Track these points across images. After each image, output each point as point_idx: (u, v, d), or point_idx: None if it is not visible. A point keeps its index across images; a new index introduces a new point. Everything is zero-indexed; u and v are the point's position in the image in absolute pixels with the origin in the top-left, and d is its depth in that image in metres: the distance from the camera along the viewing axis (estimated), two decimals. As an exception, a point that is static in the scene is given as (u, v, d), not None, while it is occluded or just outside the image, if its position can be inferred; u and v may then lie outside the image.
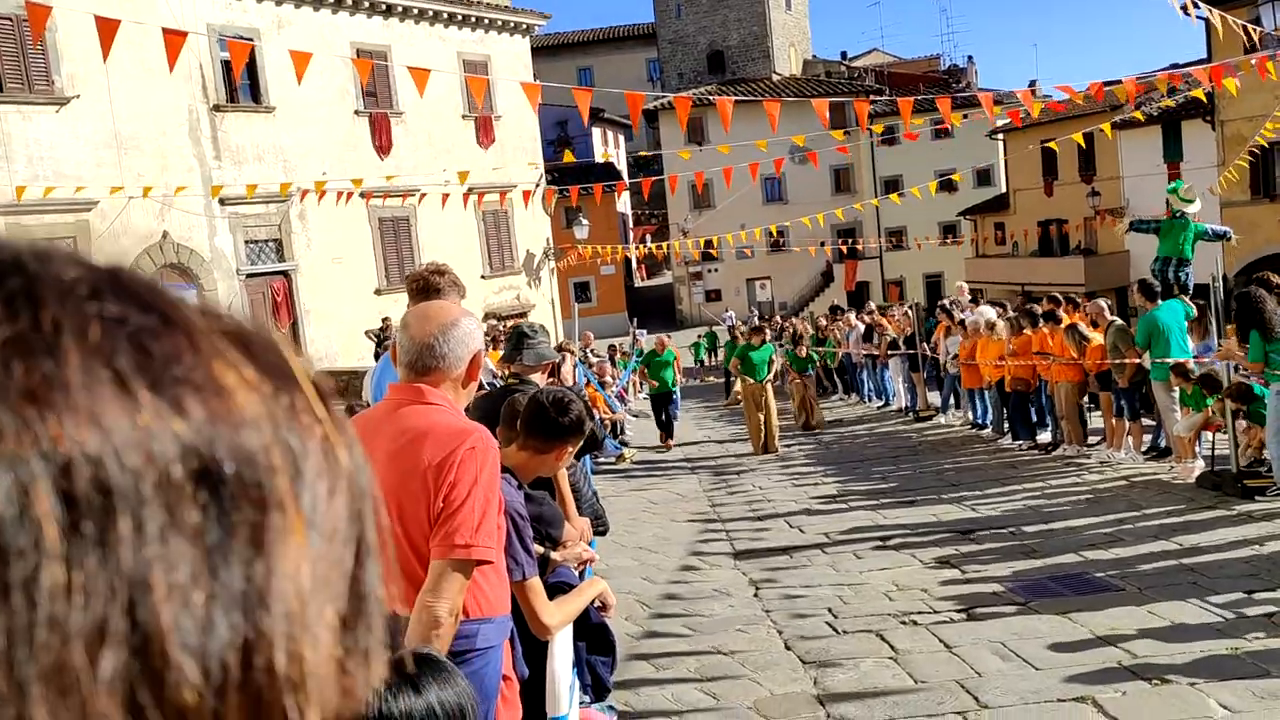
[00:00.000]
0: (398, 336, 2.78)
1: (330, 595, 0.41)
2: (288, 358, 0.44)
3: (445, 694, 1.55)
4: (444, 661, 1.63)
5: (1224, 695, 5.13)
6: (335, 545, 0.42)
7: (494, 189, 22.46)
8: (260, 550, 0.38)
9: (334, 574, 0.41)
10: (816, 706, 5.50)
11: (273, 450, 0.39)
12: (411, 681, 1.53)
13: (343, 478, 0.43)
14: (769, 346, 16.43)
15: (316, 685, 0.40)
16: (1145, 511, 9.29)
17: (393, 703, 1.50)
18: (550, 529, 3.50)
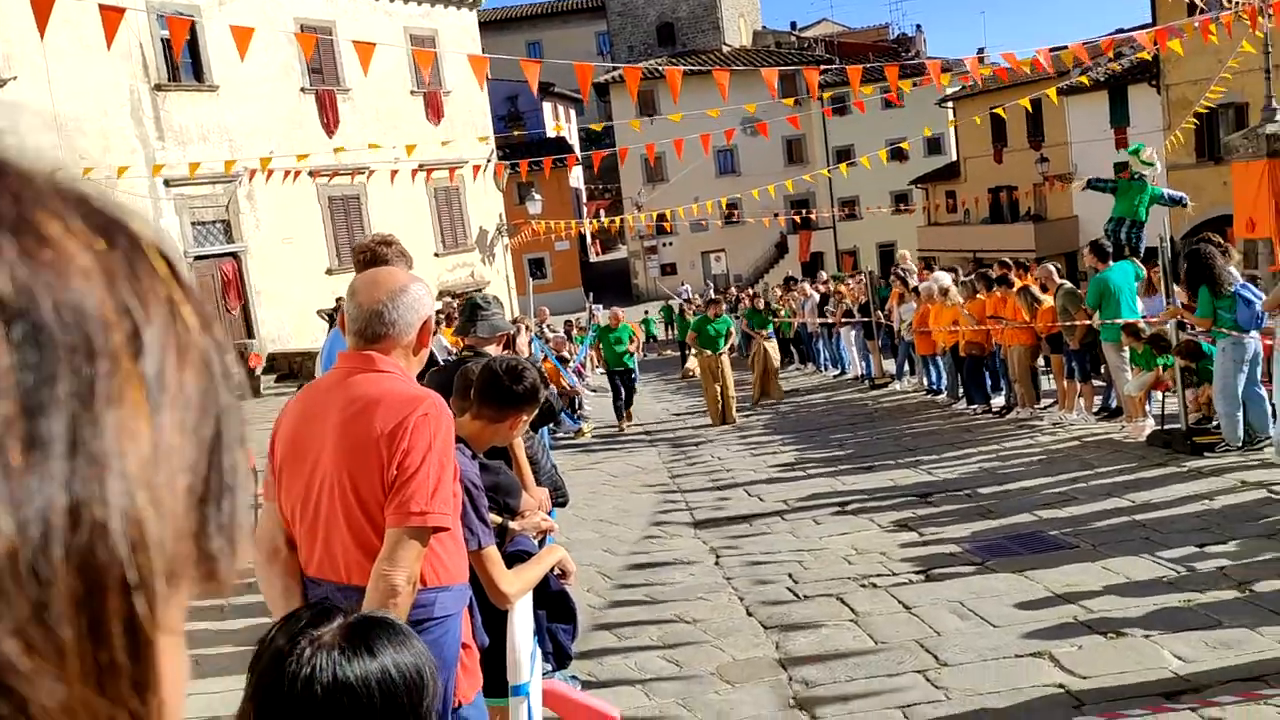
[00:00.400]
0: (346, 304, 2.73)
1: (181, 466, 0.39)
2: (131, 222, 0.42)
3: (401, 657, 1.51)
4: (399, 624, 1.59)
5: (1178, 646, 5.22)
6: (187, 416, 0.39)
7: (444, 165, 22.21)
8: (88, 406, 0.36)
9: (186, 446, 0.39)
10: (779, 670, 5.53)
11: (104, 305, 0.37)
12: (365, 645, 1.50)
13: (194, 349, 0.41)
14: (726, 318, 16.16)
15: (163, 556, 0.38)
16: (1097, 470, 9.41)
17: (346, 667, 1.46)
18: (508, 498, 3.47)
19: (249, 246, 23.09)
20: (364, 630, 1.53)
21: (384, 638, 1.54)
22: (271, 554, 2.70)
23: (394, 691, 1.49)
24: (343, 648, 1.49)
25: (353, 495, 2.55)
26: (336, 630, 1.52)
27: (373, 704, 1.47)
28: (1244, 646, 5.13)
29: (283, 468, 2.72)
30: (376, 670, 1.49)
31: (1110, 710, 4.59)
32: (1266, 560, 6.37)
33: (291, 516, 2.68)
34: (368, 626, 1.54)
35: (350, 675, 1.47)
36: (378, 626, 1.55)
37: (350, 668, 1.48)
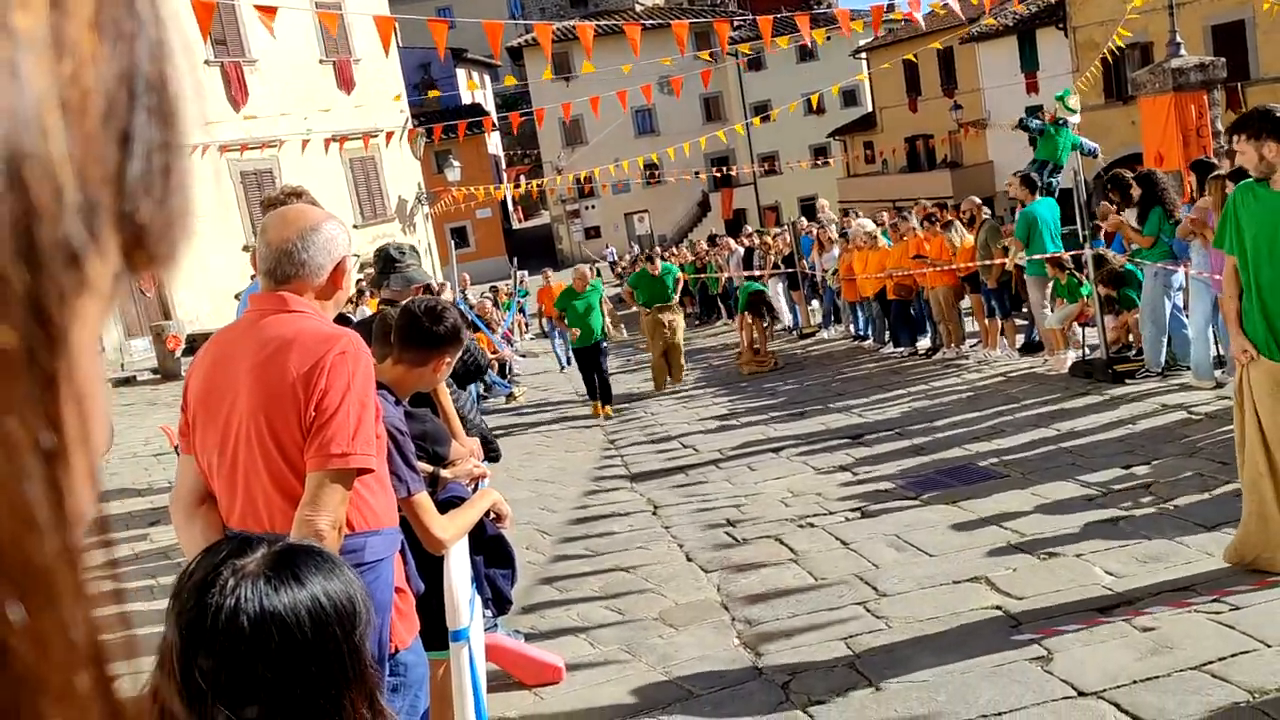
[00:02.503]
0: (257, 243, 2.62)
1: (93, 76, 0.32)
2: None
3: (331, 585, 1.42)
4: (326, 553, 1.50)
5: (1109, 563, 5.32)
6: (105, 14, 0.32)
7: (357, 134, 21.82)
8: None
9: (100, 51, 0.32)
10: (722, 611, 5.53)
11: None
12: (292, 573, 1.41)
13: None
14: (671, 266, 14.56)
15: (74, 190, 0.31)
16: (1023, 403, 9.57)
17: (274, 597, 1.37)
18: (436, 446, 3.39)
19: (160, 226, 22.45)
20: (290, 558, 1.45)
21: (312, 565, 1.45)
22: (191, 509, 2.60)
23: (325, 620, 1.41)
24: (268, 576, 1.41)
25: (271, 441, 2.45)
26: (261, 559, 1.43)
27: (304, 634, 1.38)
28: (1172, 559, 5.24)
29: (196, 418, 2.61)
30: (306, 599, 1.41)
31: (1046, 627, 4.66)
32: (1188, 477, 6.52)
33: (209, 468, 2.58)
34: (294, 554, 1.46)
35: (278, 605, 1.39)
36: (305, 554, 1.47)
37: (278, 597, 1.39)
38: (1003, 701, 4.04)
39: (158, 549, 8.35)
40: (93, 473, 0.34)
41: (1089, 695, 3.99)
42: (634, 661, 5.02)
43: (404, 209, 28.60)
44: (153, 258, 0.35)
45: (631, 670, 4.92)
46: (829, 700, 4.30)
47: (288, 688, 1.34)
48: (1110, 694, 3.97)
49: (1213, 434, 7.37)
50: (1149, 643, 4.35)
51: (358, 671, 1.40)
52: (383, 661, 2.51)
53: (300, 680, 1.35)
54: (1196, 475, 6.51)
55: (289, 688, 1.34)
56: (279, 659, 1.35)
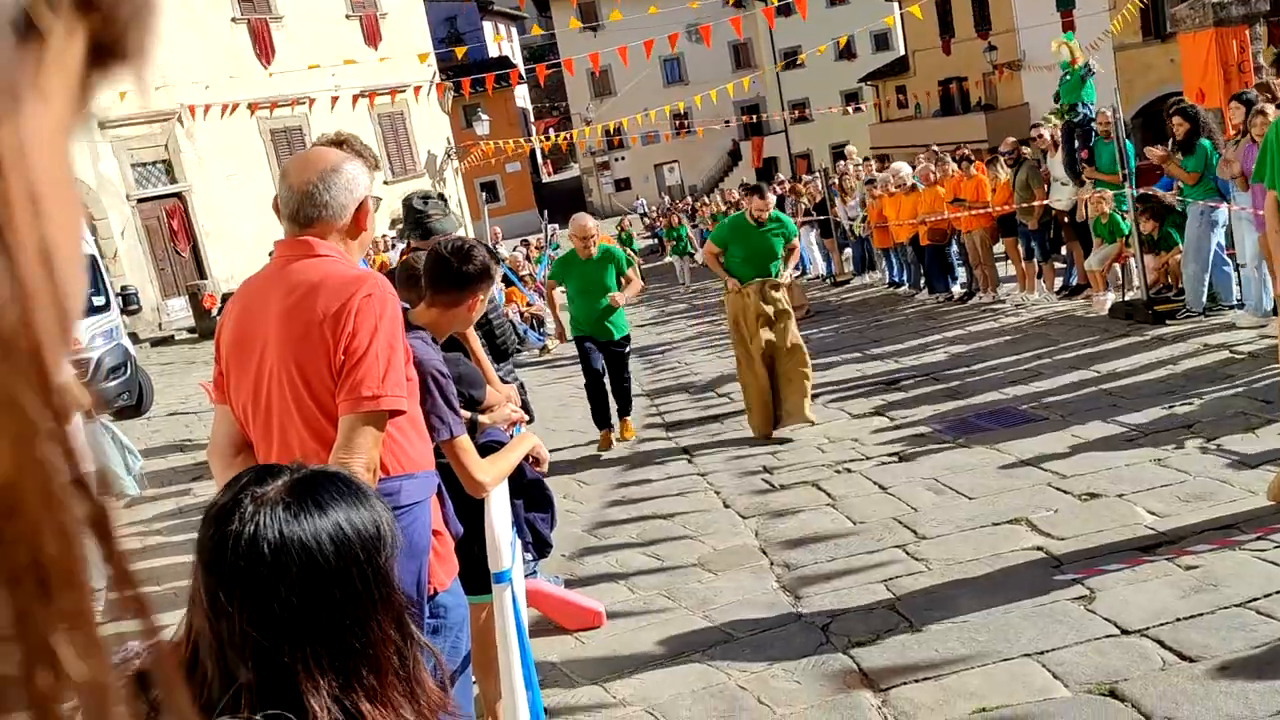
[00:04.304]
0: (279, 188, 2.60)
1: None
2: None
3: (356, 513, 1.38)
4: (351, 479, 1.46)
5: (1151, 502, 5.27)
6: None
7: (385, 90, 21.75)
8: None
9: None
10: (760, 556, 5.54)
11: None
12: (314, 500, 1.37)
13: None
14: (785, 219, 8.34)
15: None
16: (1061, 346, 9.46)
17: (294, 523, 1.34)
18: (472, 390, 3.39)
19: (193, 186, 22.57)
20: (311, 485, 1.41)
21: (334, 491, 1.41)
22: (228, 457, 2.61)
23: (347, 545, 1.36)
24: (288, 503, 1.37)
25: (302, 385, 2.45)
26: (281, 486, 1.40)
27: (325, 559, 1.34)
28: (1216, 498, 5.18)
29: (229, 367, 2.61)
30: (328, 525, 1.37)
31: (1088, 567, 4.63)
32: (1231, 416, 6.44)
33: (244, 416, 2.58)
34: (316, 481, 1.42)
35: (299, 531, 1.36)
36: (328, 480, 1.42)
37: (297, 524, 1.36)
38: (1044, 641, 4.02)
39: (200, 504, 8.46)
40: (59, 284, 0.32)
41: (1132, 633, 3.97)
42: (674, 606, 5.03)
43: (433, 164, 28.56)
44: (117, 42, 0.32)
45: (671, 615, 4.93)
46: (870, 642, 4.30)
47: (312, 613, 1.32)
48: (1154, 631, 3.94)
49: (1256, 373, 7.26)
50: (1193, 581, 4.31)
51: (384, 595, 1.38)
52: (422, 603, 2.53)
53: (324, 606, 1.33)
54: (1239, 414, 6.42)
55: (313, 613, 1.32)
56: (301, 585, 1.33)
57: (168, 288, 22.47)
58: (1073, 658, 3.87)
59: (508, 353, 5.07)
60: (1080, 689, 3.65)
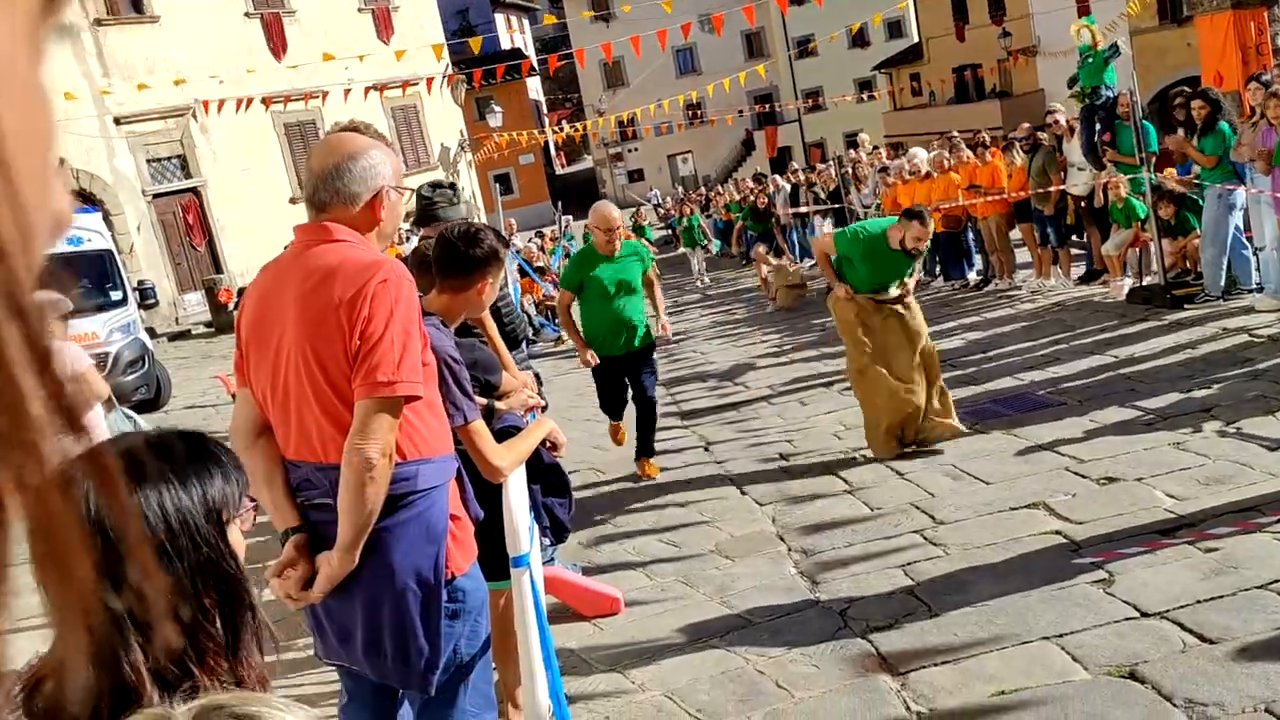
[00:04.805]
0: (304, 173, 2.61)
1: None
2: None
3: (170, 493, 1.31)
4: (176, 451, 1.38)
5: (1171, 486, 5.24)
6: None
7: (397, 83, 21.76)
8: None
9: None
10: (777, 543, 5.54)
11: None
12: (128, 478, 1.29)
13: None
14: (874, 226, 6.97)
15: None
16: (1079, 331, 9.42)
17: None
18: (488, 375, 3.39)
19: (208, 180, 22.64)
20: (128, 461, 1.33)
21: (149, 469, 1.33)
22: (249, 440, 2.62)
23: (158, 524, 1.31)
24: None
25: (319, 370, 2.45)
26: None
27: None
28: (1236, 480, 5.16)
29: (249, 351, 2.62)
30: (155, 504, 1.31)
31: (1107, 551, 4.61)
32: (1251, 399, 6.40)
33: (264, 400, 2.59)
34: (132, 455, 1.35)
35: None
36: (145, 454, 1.36)
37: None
38: (1064, 624, 4.01)
39: (219, 495, 8.50)
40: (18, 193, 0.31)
41: (1152, 616, 3.95)
42: (691, 593, 5.04)
43: (447, 156, 28.59)
44: None
45: (689, 601, 4.94)
46: (888, 626, 4.29)
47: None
48: (1174, 614, 3.93)
49: (1275, 356, 7.21)
50: (1213, 563, 4.29)
51: (203, 566, 1.33)
52: (440, 588, 2.54)
53: None
54: (1260, 397, 6.38)
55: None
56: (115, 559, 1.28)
57: (184, 282, 22.56)
58: (1092, 640, 3.85)
59: (518, 340, 5.06)
60: (1099, 671, 3.64)
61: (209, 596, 1.32)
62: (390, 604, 2.52)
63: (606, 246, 6.77)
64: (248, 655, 1.35)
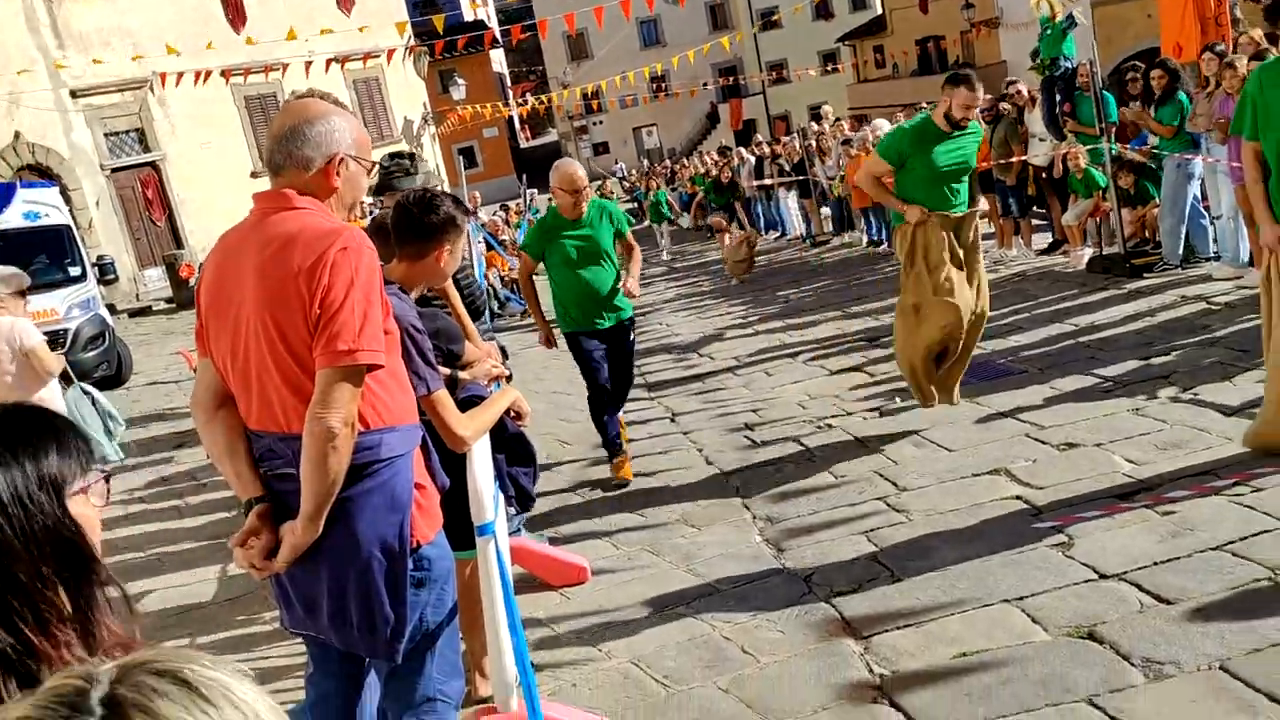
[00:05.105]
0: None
1: None
2: None
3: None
4: (52, 421, 1.38)
5: (1129, 451, 5.32)
6: None
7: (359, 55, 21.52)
8: None
9: None
10: (742, 511, 5.57)
11: None
12: None
13: None
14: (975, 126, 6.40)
15: None
16: (1040, 300, 9.51)
17: None
18: (450, 344, 3.38)
19: (167, 154, 22.35)
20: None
21: None
22: (210, 411, 2.60)
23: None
24: None
25: (279, 339, 2.43)
26: None
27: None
28: (1192, 445, 5.24)
29: (208, 321, 2.59)
30: None
31: (1067, 515, 4.68)
32: (1209, 365, 6.49)
33: (224, 370, 2.57)
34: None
35: None
36: None
37: None
38: (1024, 587, 4.07)
39: (183, 471, 8.46)
40: None
41: (1110, 578, 4.02)
42: (658, 561, 5.07)
43: (410, 130, 28.35)
44: None
45: (655, 569, 4.97)
46: (852, 592, 4.34)
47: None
48: (1132, 575, 3.99)
49: (1232, 323, 7.32)
50: (1170, 526, 4.37)
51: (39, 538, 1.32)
52: (405, 556, 2.53)
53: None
54: (1217, 364, 6.48)
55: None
56: None
57: (144, 258, 22.30)
58: (1052, 602, 3.92)
59: (479, 310, 5.04)
60: (1059, 632, 3.70)
61: (48, 564, 1.31)
62: (355, 573, 2.52)
63: (573, 210, 6.22)
64: (101, 622, 1.34)
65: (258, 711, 0.75)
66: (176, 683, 0.73)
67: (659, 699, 3.77)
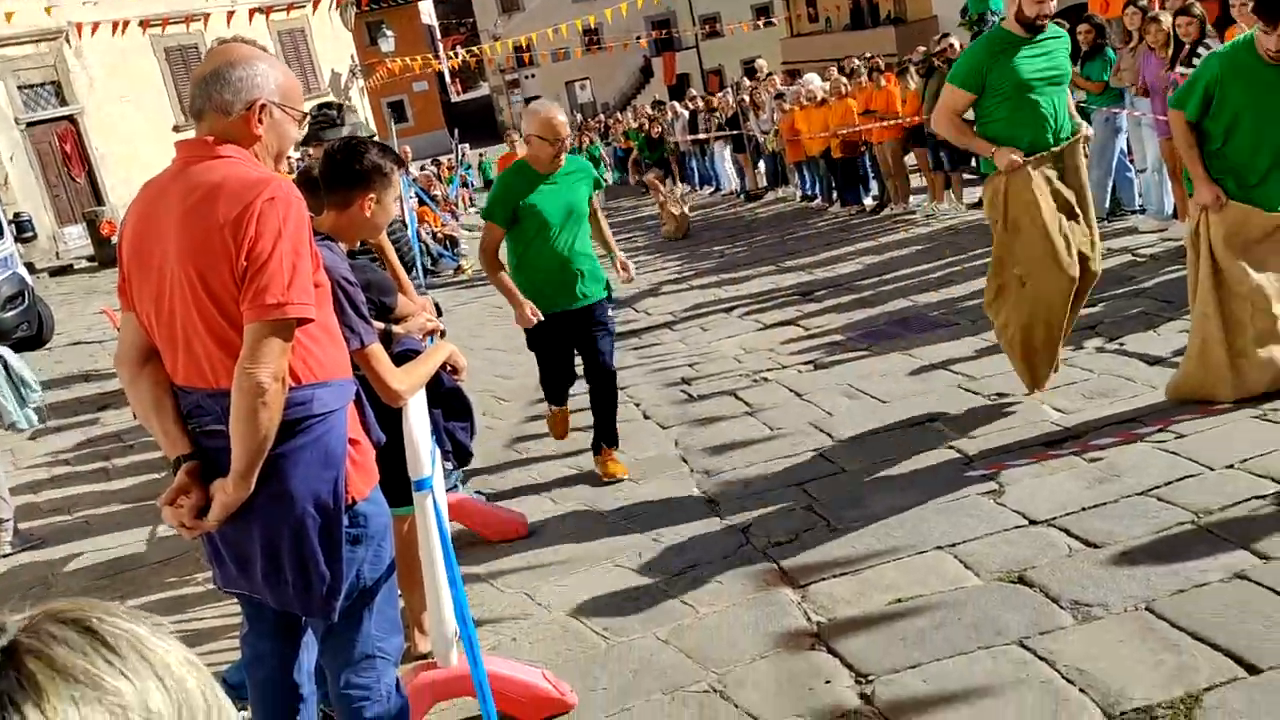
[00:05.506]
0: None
1: None
2: None
3: None
4: None
5: (1057, 400, 5.42)
6: None
7: (283, 4, 20.98)
8: None
9: None
10: (680, 464, 5.59)
11: None
12: None
13: None
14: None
15: None
16: (971, 254, 9.61)
17: None
18: (383, 296, 3.32)
19: (85, 108, 21.66)
20: None
21: None
22: (135, 367, 2.52)
23: None
24: None
25: (204, 293, 2.36)
26: None
27: None
28: (1118, 394, 5.35)
29: (131, 274, 2.51)
30: None
31: (997, 463, 4.76)
32: (1134, 315, 6.63)
33: (149, 324, 2.49)
34: None
35: None
36: None
37: None
38: (957, 533, 4.14)
39: (109, 433, 8.28)
40: None
41: (1040, 523, 4.10)
42: (596, 515, 5.07)
43: (338, 83, 27.78)
44: None
45: (594, 523, 4.97)
46: (788, 542, 4.38)
47: None
48: (1060, 521, 4.08)
49: (1157, 274, 7.47)
50: (1097, 472, 4.46)
51: None
52: (339, 513, 2.49)
53: None
54: (1142, 314, 6.62)
55: None
56: None
57: (63, 215, 21.66)
58: (983, 548, 3.99)
59: (410, 265, 4.96)
60: (991, 577, 3.77)
61: None
62: (289, 531, 2.47)
63: (551, 163, 5.17)
64: None
65: (167, 663, 0.71)
66: (80, 631, 0.70)
67: (599, 651, 3.79)
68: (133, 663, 0.70)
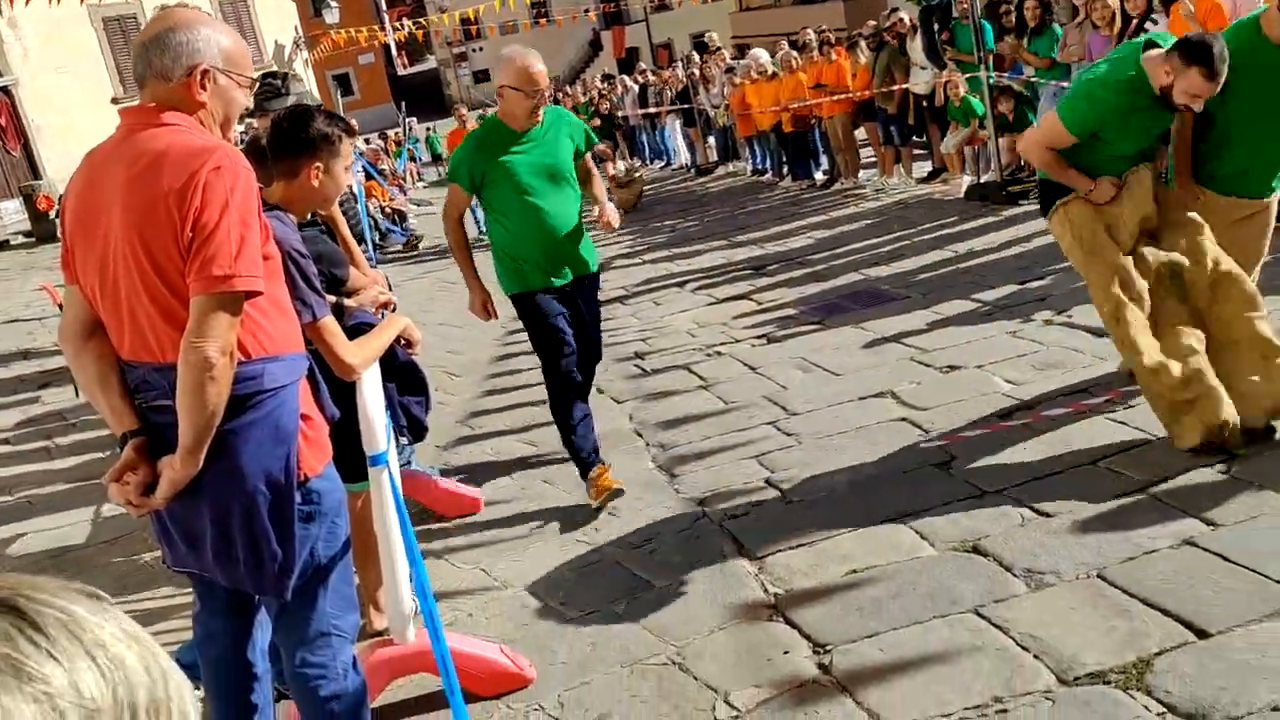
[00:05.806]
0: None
1: None
2: None
3: None
4: None
5: (1007, 372, 5.47)
6: None
7: (227, -27, 20.58)
8: None
9: None
10: (635, 439, 5.58)
11: None
12: None
13: None
14: None
15: None
16: (921, 228, 9.68)
17: None
18: (333, 268, 3.26)
19: (19, 79, 21.10)
20: None
21: None
22: (80, 341, 2.45)
23: None
24: None
25: (149, 265, 2.29)
26: None
27: None
28: (1067, 365, 5.42)
29: (75, 245, 2.43)
30: None
31: (950, 434, 4.80)
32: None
33: (93, 297, 2.42)
34: None
35: None
36: None
37: None
38: (911, 505, 4.17)
39: (51, 411, 8.10)
40: None
41: (992, 494, 4.14)
42: (552, 490, 5.04)
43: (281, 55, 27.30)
44: None
45: (549, 498, 4.95)
46: (745, 514, 4.38)
47: None
48: (1013, 491, 4.12)
49: (1104, 248, 7.54)
50: (1048, 443, 4.51)
51: None
52: (291, 490, 2.45)
53: None
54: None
55: None
56: None
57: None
58: (938, 519, 4.01)
59: (360, 239, 4.89)
60: (945, 547, 3.80)
61: None
62: (240, 508, 2.42)
63: (528, 119, 4.50)
64: None
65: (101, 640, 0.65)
66: (3, 611, 0.64)
67: (556, 625, 3.77)
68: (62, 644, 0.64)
